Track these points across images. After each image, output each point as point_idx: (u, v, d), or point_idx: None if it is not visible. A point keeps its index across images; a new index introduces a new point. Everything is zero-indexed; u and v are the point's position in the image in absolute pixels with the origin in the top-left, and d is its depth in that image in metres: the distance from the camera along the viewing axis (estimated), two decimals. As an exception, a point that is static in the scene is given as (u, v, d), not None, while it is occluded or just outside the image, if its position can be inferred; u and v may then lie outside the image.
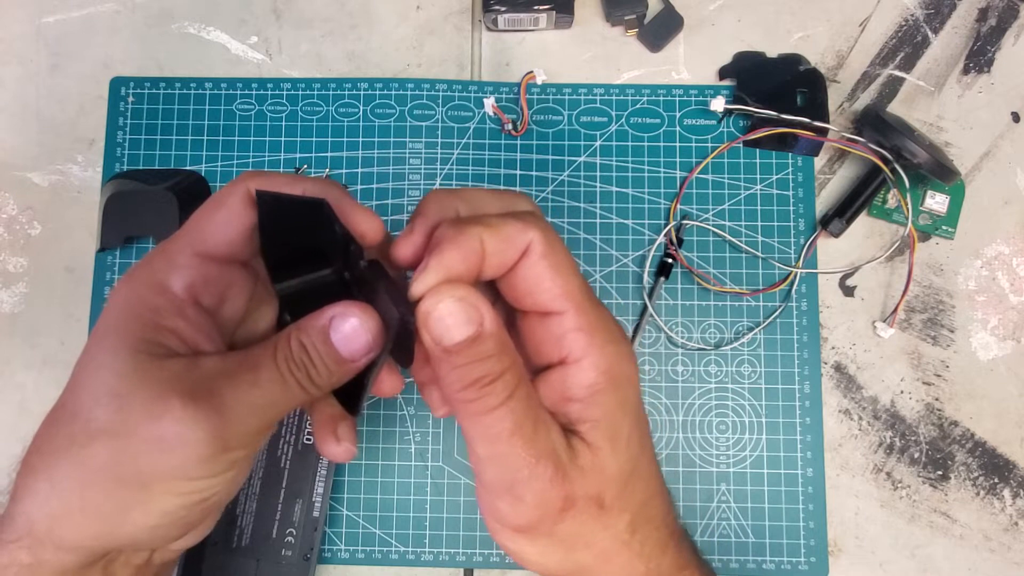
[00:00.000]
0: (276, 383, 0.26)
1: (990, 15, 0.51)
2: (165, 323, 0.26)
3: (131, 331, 0.26)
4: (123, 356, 0.25)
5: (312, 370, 0.26)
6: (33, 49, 0.52)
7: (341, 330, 0.26)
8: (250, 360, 0.26)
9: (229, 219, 0.27)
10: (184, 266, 0.27)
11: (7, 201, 0.50)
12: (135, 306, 0.26)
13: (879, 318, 0.48)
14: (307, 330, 0.26)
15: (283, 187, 0.27)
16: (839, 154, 0.50)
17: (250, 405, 0.25)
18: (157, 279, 0.27)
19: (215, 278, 0.27)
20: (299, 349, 0.26)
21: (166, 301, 0.26)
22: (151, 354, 0.25)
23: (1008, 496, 0.47)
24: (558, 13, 0.49)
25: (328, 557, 0.46)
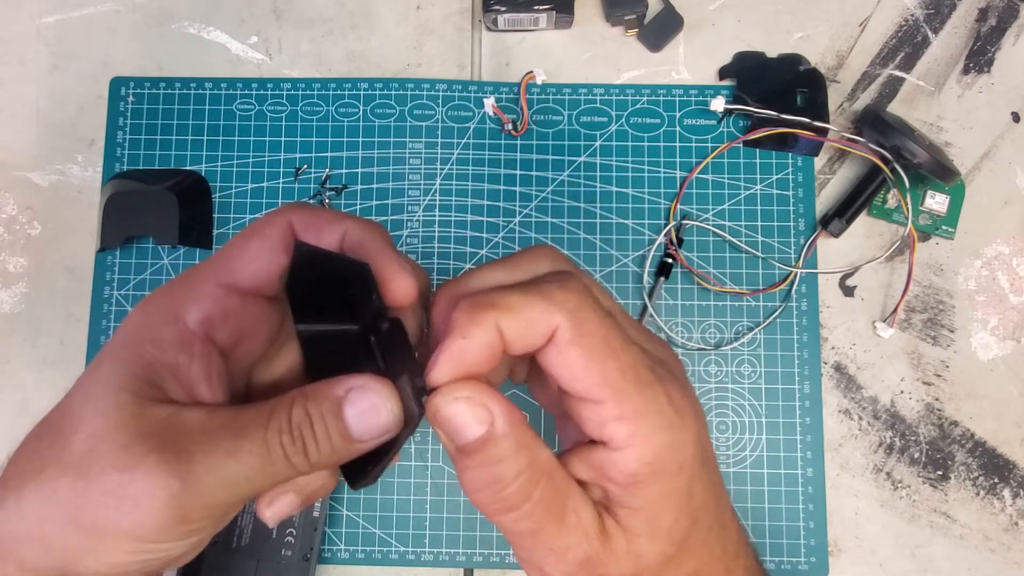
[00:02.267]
0: (257, 456, 0.23)
1: (990, 15, 0.51)
2: (166, 358, 0.24)
3: (128, 364, 0.24)
4: (110, 392, 0.23)
5: (311, 444, 0.24)
6: (33, 49, 0.52)
7: (358, 405, 0.24)
8: (236, 424, 0.23)
9: (261, 251, 0.25)
10: (204, 296, 0.25)
11: (7, 201, 0.50)
12: (141, 335, 0.25)
13: (879, 318, 0.48)
14: (317, 399, 0.24)
15: (325, 224, 0.25)
16: (839, 154, 0.50)
17: (222, 477, 0.23)
18: (172, 307, 0.25)
19: (236, 312, 0.25)
20: (302, 418, 0.24)
21: (174, 333, 0.25)
22: (139, 395, 0.23)
23: (1008, 496, 0.47)
24: (558, 13, 0.49)
25: (328, 557, 0.46)
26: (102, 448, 0.22)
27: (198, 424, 0.23)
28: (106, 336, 0.48)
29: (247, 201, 0.50)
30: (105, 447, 0.22)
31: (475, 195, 0.50)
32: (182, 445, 0.23)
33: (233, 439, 0.23)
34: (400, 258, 0.26)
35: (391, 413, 0.24)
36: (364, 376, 0.24)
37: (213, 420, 0.24)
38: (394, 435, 0.24)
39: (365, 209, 0.49)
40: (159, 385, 0.24)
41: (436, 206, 0.49)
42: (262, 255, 0.25)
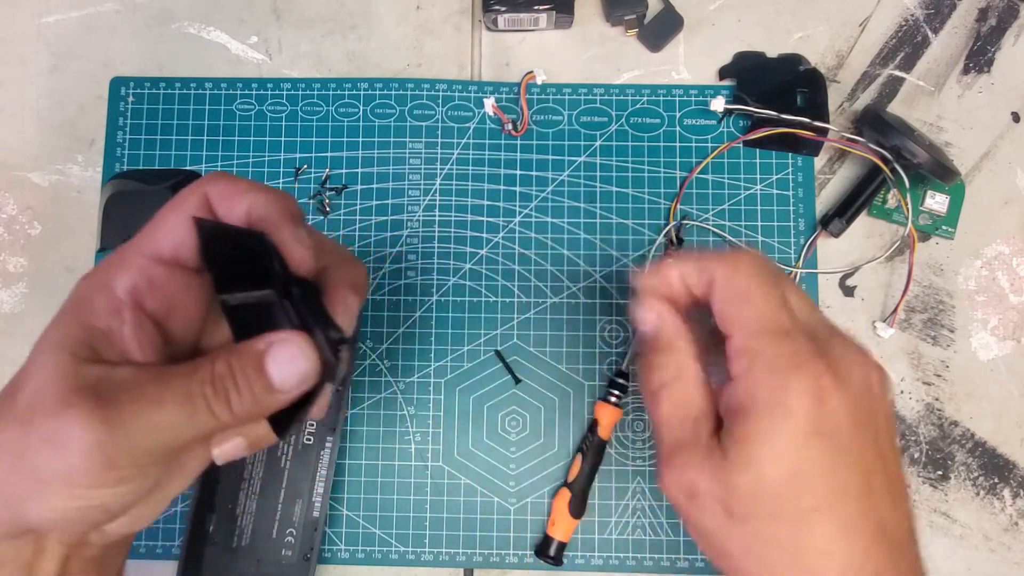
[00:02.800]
0: (181, 405, 0.25)
1: (990, 15, 0.51)
2: (98, 323, 0.26)
3: (67, 328, 0.26)
4: (51, 353, 0.25)
5: (234, 395, 0.25)
6: (33, 49, 0.52)
7: (279, 357, 0.26)
8: (163, 377, 0.25)
9: (178, 223, 0.27)
10: (130, 266, 0.27)
11: (7, 201, 0.50)
12: (78, 303, 0.27)
13: (879, 318, 0.48)
14: (240, 353, 0.26)
15: (235, 196, 0.27)
16: (839, 154, 0.50)
17: (146, 424, 0.24)
18: (104, 277, 0.27)
19: (162, 281, 0.27)
20: (225, 372, 0.25)
21: (105, 301, 0.26)
22: (76, 355, 0.25)
23: (1008, 496, 0.47)
24: (558, 13, 0.49)
25: (328, 557, 0.46)
26: (41, 400, 0.24)
27: (128, 378, 0.25)
28: (106, 336, 0.48)
29: (247, 201, 0.50)
30: (44, 399, 0.24)
31: (475, 195, 0.50)
32: (110, 396, 0.24)
33: (159, 390, 0.25)
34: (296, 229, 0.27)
35: (310, 361, 0.26)
36: (284, 331, 0.26)
37: (142, 375, 0.25)
38: (313, 384, 0.26)
39: (365, 209, 0.49)
40: (94, 348, 0.26)
41: (436, 206, 0.49)
42: (179, 226, 0.27)
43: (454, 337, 0.48)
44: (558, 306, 0.49)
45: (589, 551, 0.46)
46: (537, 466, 0.47)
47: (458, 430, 0.48)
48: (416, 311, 0.49)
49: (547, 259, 0.49)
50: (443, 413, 0.48)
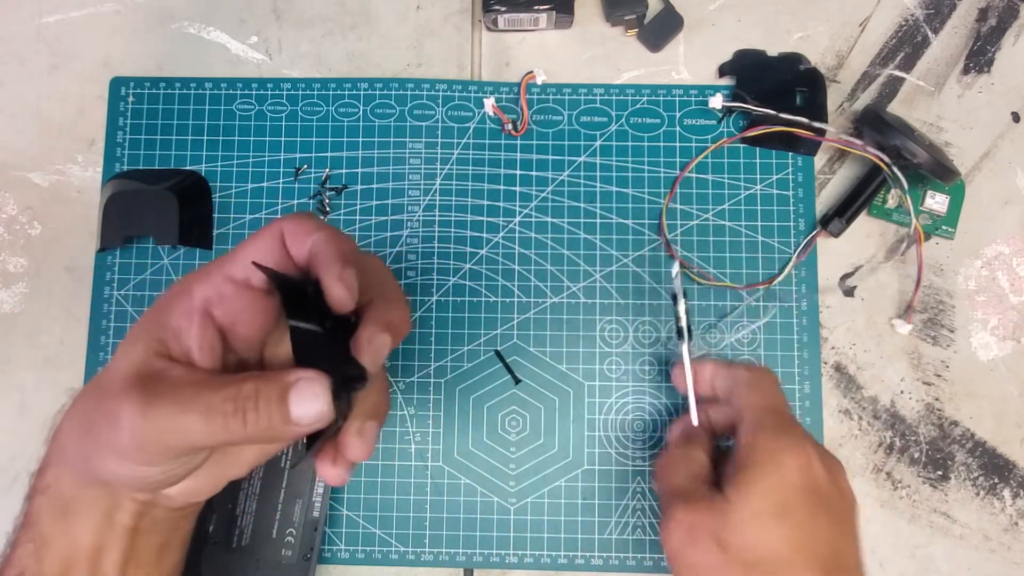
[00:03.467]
0: (201, 415, 0.28)
1: (990, 15, 0.51)
2: (173, 322, 0.30)
3: (149, 323, 0.31)
4: (134, 340, 0.30)
5: (251, 416, 0.28)
6: (33, 49, 0.52)
7: (301, 393, 0.28)
8: (199, 385, 0.29)
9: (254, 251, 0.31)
10: (209, 280, 0.31)
11: (7, 201, 0.50)
12: (166, 301, 0.31)
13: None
14: (268, 380, 0.29)
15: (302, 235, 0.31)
16: (839, 154, 0.50)
17: (172, 422, 0.28)
18: (188, 285, 0.31)
19: (230, 297, 0.31)
20: (250, 393, 0.28)
21: (183, 304, 0.30)
22: (149, 348, 0.30)
23: (1008, 496, 0.47)
24: (558, 13, 0.49)
25: (328, 557, 0.46)
26: (114, 381, 0.29)
27: (177, 378, 0.29)
28: (106, 336, 0.48)
29: (247, 201, 0.50)
30: (116, 380, 0.29)
31: (475, 195, 0.50)
32: (158, 390, 0.28)
33: (190, 396, 0.28)
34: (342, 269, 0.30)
35: (325, 405, 0.28)
36: (312, 371, 0.29)
37: (188, 377, 0.29)
38: (324, 425, 0.29)
39: (365, 209, 0.49)
40: (165, 342, 0.30)
41: (436, 206, 0.49)
42: (254, 254, 0.31)
43: (454, 337, 0.48)
44: (558, 306, 0.49)
45: (589, 551, 0.46)
46: (537, 466, 0.47)
47: (458, 430, 0.48)
48: (416, 311, 0.49)
49: (547, 259, 0.49)
50: (443, 413, 0.48)
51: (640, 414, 0.48)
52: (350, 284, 0.30)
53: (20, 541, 0.31)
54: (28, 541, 0.31)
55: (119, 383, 0.29)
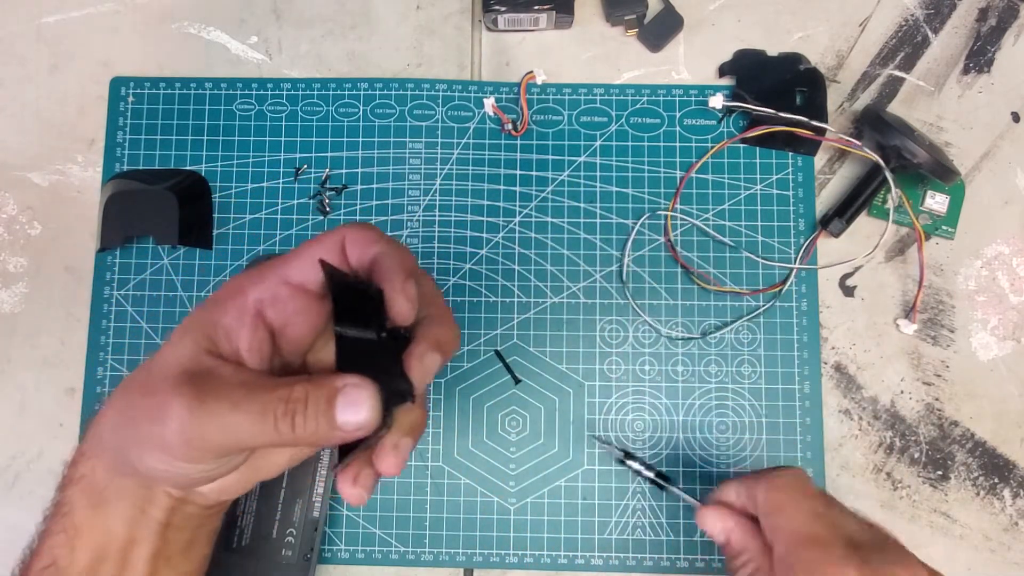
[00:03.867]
0: (252, 415, 0.28)
1: (990, 15, 0.51)
2: (224, 320, 0.30)
3: (200, 318, 0.31)
4: (184, 334, 0.30)
5: (300, 419, 0.28)
6: (33, 49, 0.52)
7: (348, 398, 0.28)
8: (250, 385, 0.29)
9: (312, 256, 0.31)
10: (264, 281, 0.31)
11: (7, 201, 0.50)
12: (219, 298, 0.31)
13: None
14: (318, 384, 0.28)
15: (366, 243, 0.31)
16: (839, 154, 0.50)
17: (220, 422, 0.28)
18: (243, 284, 0.31)
19: (284, 299, 0.31)
20: (300, 396, 0.28)
21: (236, 304, 0.31)
22: (198, 344, 0.30)
23: (1008, 496, 0.47)
24: (558, 13, 0.49)
25: (328, 557, 0.46)
26: (163, 375, 0.29)
27: (227, 376, 0.29)
28: (106, 336, 0.48)
29: (247, 201, 0.50)
30: (164, 375, 0.29)
31: (475, 195, 0.50)
32: (206, 388, 0.28)
33: (241, 396, 0.28)
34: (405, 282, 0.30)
35: (371, 412, 0.28)
36: (361, 377, 0.29)
37: (237, 376, 0.29)
38: (367, 434, 0.29)
39: (365, 209, 0.49)
40: (214, 340, 0.30)
41: (436, 206, 0.49)
42: (311, 260, 0.31)
43: (454, 337, 0.48)
44: (558, 306, 0.49)
45: (589, 551, 0.46)
46: (537, 466, 0.47)
47: (458, 430, 0.48)
48: (416, 311, 0.49)
49: (547, 259, 0.49)
50: (443, 413, 0.48)
51: (640, 414, 0.48)
52: (412, 297, 0.30)
53: (52, 531, 0.31)
54: (60, 531, 0.31)
55: (168, 378, 0.29)
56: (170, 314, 0.49)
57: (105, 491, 0.31)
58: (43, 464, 0.48)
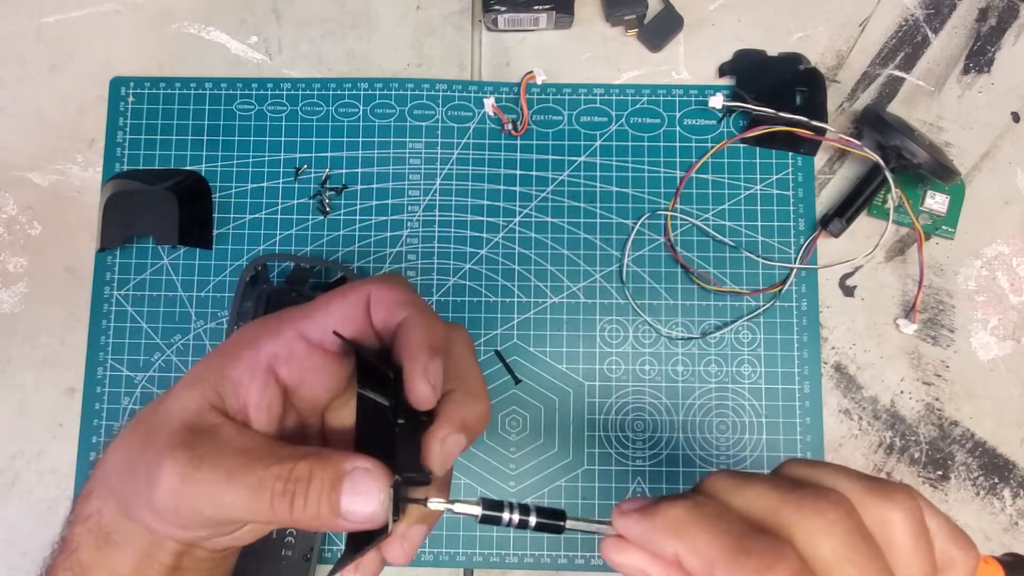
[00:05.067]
0: (247, 490, 0.25)
1: (990, 15, 0.51)
2: (234, 375, 0.28)
3: (210, 369, 0.28)
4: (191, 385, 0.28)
5: (300, 501, 0.25)
6: (33, 49, 0.52)
7: (356, 485, 0.25)
8: (249, 453, 0.26)
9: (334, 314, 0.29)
10: (280, 336, 0.29)
11: (7, 201, 0.50)
12: (231, 350, 0.29)
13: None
14: (325, 463, 0.26)
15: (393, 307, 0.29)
16: (839, 154, 0.50)
17: (212, 494, 0.25)
18: (258, 336, 0.29)
19: (300, 357, 0.29)
20: (303, 475, 0.25)
21: (248, 357, 0.28)
22: (204, 398, 0.28)
23: (1008, 496, 0.47)
24: (558, 13, 0.49)
25: (328, 557, 0.46)
26: (163, 428, 0.27)
27: (226, 440, 0.27)
28: (106, 336, 0.48)
29: (247, 201, 0.50)
30: (164, 428, 0.27)
31: (475, 195, 0.50)
32: (202, 452, 0.26)
33: (238, 465, 0.26)
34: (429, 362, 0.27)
35: (380, 505, 0.25)
36: (373, 460, 0.26)
37: (238, 441, 0.27)
38: (374, 527, 0.26)
39: (365, 209, 0.49)
40: (221, 394, 0.28)
41: (436, 206, 0.49)
42: (335, 317, 0.29)
43: (454, 337, 0.48)
44: (558, 306, 0.49)
45: (589, 551, 0.46)
46: (537, 466, 0.47)
47: (458, 430, 0.48)
48: (416, 311, 0.49)
49: (547, 259, 0.49)
50: (443, 413, 0.48)
51: (640, 414, 0.48)
52: (435, 380, 0.27)
53: (59, 567, 0.30)
54: (67, 569, 0.29)
55: (166, 433, 0.27)
56: (170, 314, 0.49)
57: (112, 533, 0.29)
58: (43, 464, 0.48)
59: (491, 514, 0.26)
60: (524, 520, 0.27)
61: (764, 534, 0.23)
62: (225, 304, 0.49)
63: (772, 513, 0.23)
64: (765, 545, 0.22)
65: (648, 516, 0.24)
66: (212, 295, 0.49)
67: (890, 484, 0.24)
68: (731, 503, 0.24)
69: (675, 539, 0.23)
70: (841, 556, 0.22)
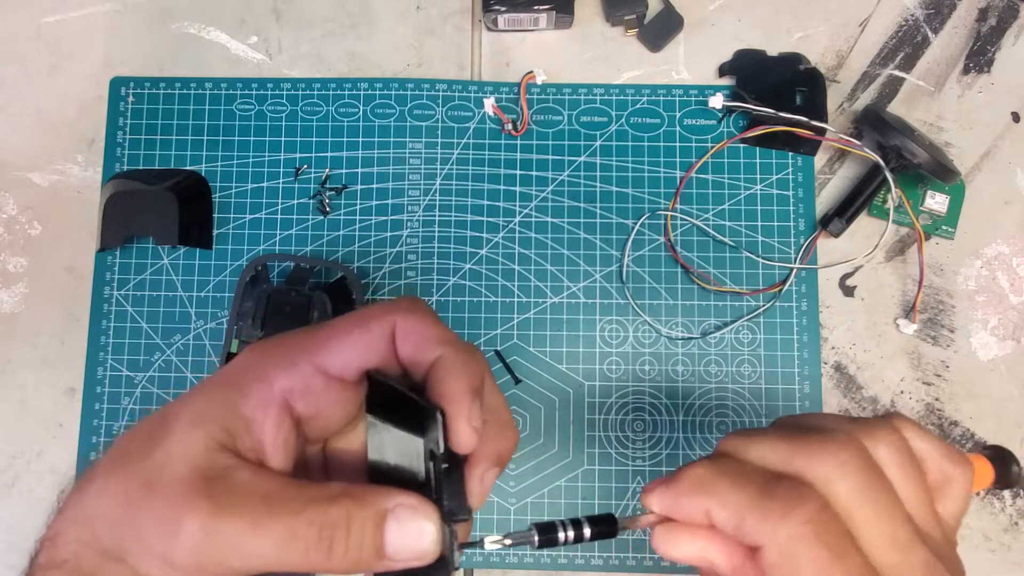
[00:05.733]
0: (278, 539, 0.23)
1: (990, 15, 0.51)
2: (246, 411, 0.26)
3: (216, 403, 0.26)
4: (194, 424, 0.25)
5: (338, 546, 0.23)
6: (33, 49, 0.52)
7: (404, 524, 0.24)
8: (274, 499, 0.24)
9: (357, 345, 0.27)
10: (295, 368, 0.26)
11: (7, 201, 0.50)
12: (237, 380, 0.26)
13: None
14: (364, 504, 0.24)
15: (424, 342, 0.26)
16: (839, 154, 0.50)
17: (239, 546, 0.23)
18: (268, 366, 0.26)
19: (317, 391, 0.26)
20: (340, 520, 0.24)
21: (259, 391, 0.26)
22: (212, 437, 0.25)
23: (1008, 496, 0.47)
24: (558, 13, 0.49)
25: None
26: (171, 474, 0.24)
27: (245, 484, 0.24)
28: (106, 336, 0.48)
29: (247, 201, 0.50)
30: (173, 475, 0.24)
31: (475, 195, 0.50)
32: (223, 500, 0.24)
33: (263, 515, 0.23)
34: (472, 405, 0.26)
35: (432, 542, 0.24)
36: (415, 496, 0.24)
37: (259, 485, 0.24)
38: (422, 565, 0.24)
39: (365, 209, 0.49)
40: (232, 433, 0.25)
41: (436, 206, 0.49)
42: (357, 348, 0.27)
43: (454, 337, 0.48)
44: (558, 306, 0.49)
45: (589, 551, 0.46)
46: (537, 466, 0.47)
47: (458, 430, 0.48)
48: (416, 311, 0.48)
49: (547, 259, 0.49)
50: (443, 413, 0.48)
51: (640, 414, 0.48)
52: (479, 425, 0.26)
53: None
54: None
55: (176, 480, 0.24)
56: (170, 314, 0.49)
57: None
58: (43, 464, 0.48)
59: (547, 538, 0.26)
60: (579, 535, 0.26)
61: (784, 478, 0.24)
62: (225, 304, 0.49)
63: (786, 461, 0.24)
64: (787, 488, 0.23)
65: (672, 483, 0.25)
66: (212, 295, 0.49)
67: (873, 422, 0.26)
68: (747, 458, 0.25)
69: (703, 496, 0.25)
70: (857, 493, 0.23)
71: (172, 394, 0.48)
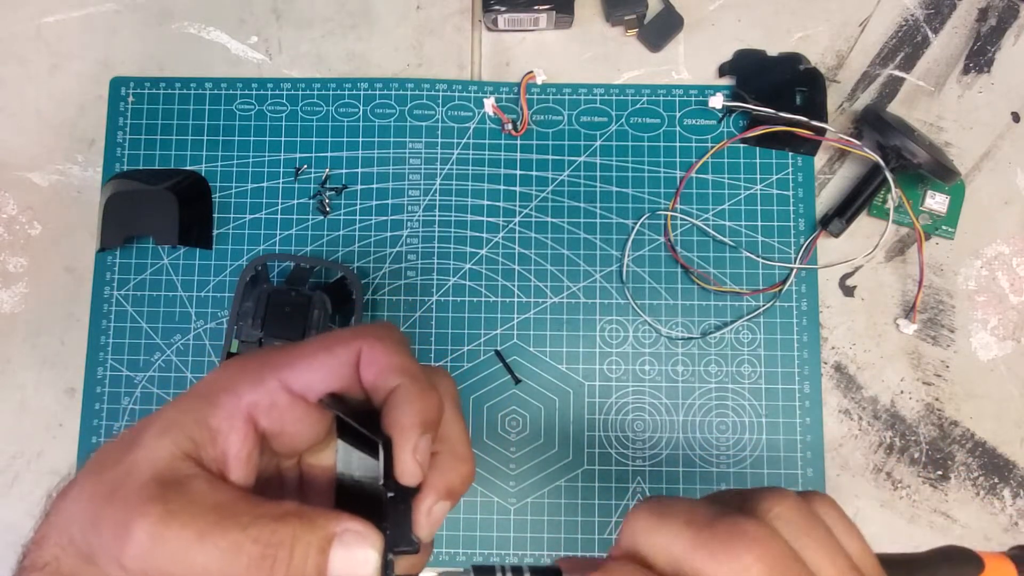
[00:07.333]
0: (219, 551, 0.23)
1: (990, 15, 0.51)
2: (212, 422, 0.26)
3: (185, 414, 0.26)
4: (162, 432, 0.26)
5: (281, 566, 0.24)
6: (33, 49, 0.52)
7: (349, 550, 0.24)
8: (224, 511, 0.24)
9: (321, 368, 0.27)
10: (261, 385, 0.27)
11: (7, 201, 0.50)
12: (207, 395, 0.27)
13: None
14: (312, 525, 0.24)
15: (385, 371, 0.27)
16: (839, 154, 0.50)
17: (182, 555, 0.23)
18: (236, 382, 0.27)
19: (281, 408, 0.27)
20: (286, 539, 0.24)
21: (227, 404, 0.27)
22: (178, 445, 0.26)
23: (1008, 496, 0.47)
24: (558, 13, 0.49)
25: None
26: (132, 479, 0.25)
27: (199, 494, 0.25)
28: (106, 336, 0.48)
29: (247, 201, 0.50)
30: (134, 479, 0.25)
31: (475, 195, 0.50)
32: (175, 507, 0.24)
33: (211, 524, 0.24)
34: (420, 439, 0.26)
35: (374, 572, 0.24)
36: (362, 522, 0.24)
37: (212, 497, 0.25)
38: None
39: (365, 209, 0.49)
40: (198, 443, 0.26)
41: (436, 206, 0.49)
42: (320, 371, 0.27)
43: (454, 337, 0.48)
44: (558, 306, 0.49)
45: (589, 551, 0.46)
46: (537, 466, 0.47)
47: (458, 430, 0.48)
48: (416, 311, 0.49)
49: (547, 259, 0.49)
50: (443, 413, 0.48)
51: (640, 414, 0.48)
52: (423, 459, 0.26)
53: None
54: None
55: (136, 485, 0.25)
56: (170, 314, 0.49)
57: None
58: (43, 464, 0.48)
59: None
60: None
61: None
62: (225, 304, 0.49)
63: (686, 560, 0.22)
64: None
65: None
66: (212, 295, 0.49)
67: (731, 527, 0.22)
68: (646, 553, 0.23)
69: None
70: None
71: (172, 394, 0.48)
